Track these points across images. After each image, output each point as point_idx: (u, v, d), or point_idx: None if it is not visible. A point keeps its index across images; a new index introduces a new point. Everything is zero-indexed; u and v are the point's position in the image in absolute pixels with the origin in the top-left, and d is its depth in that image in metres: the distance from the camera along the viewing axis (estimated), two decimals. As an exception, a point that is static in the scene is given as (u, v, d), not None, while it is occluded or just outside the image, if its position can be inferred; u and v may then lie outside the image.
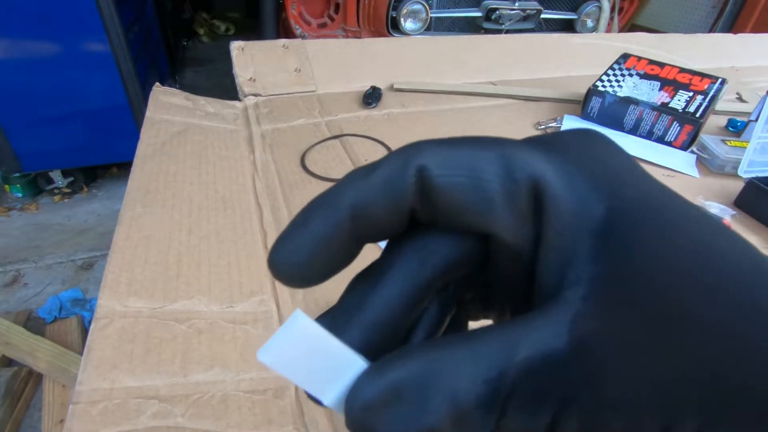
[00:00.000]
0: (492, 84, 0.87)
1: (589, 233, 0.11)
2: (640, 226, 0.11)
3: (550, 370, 0.10)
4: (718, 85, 0.71)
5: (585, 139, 0.13)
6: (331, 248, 0.12)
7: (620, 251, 0.11)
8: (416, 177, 0.11)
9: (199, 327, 0.36)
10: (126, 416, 0.30)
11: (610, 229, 0.11)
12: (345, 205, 0.12)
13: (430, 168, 0.11)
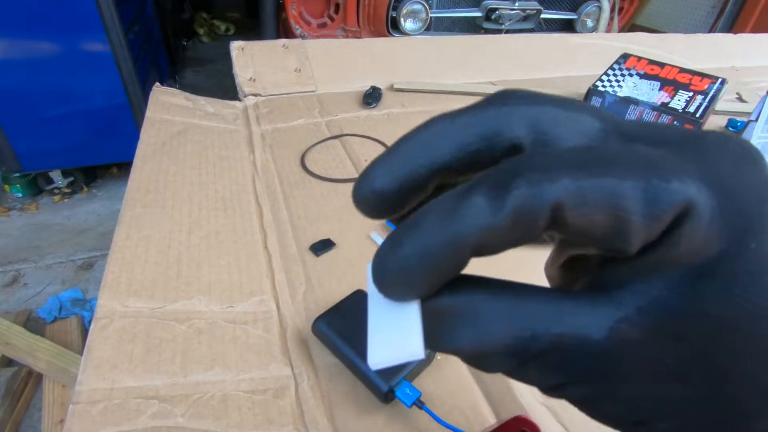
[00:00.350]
0: (492, 84, 0.87)
1: (688, 263, 0.11)
2: (735, 284, 0.10)
3: (579, 354, 0.11)
4: (718, 85, 0.71)
5: (738, 154, 0.11)
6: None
7: (703, 296, 0.11)
8: (550, 214, 0.10)
9: (199, 327, 0.36)
10: (126, 416, 0.30)
11: (711, 273, 0.11)
12: (468, 242, 0.11)
13: (566, 206, 0.10)
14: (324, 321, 0.35)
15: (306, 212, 0.50)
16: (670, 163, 0.10)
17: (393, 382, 0.31)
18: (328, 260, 0.44)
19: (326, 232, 0.47)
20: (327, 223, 0.49)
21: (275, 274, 0.42)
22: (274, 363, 0.34)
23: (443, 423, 0.30)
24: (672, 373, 0.11)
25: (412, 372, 0.32)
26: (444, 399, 0.33)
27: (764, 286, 0.10)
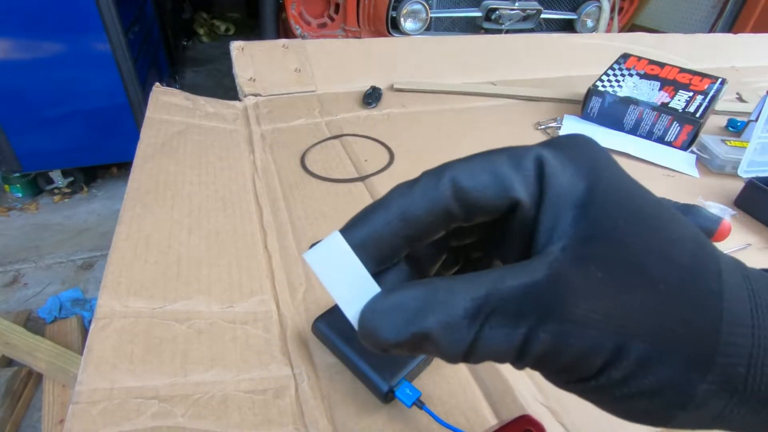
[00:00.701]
0: (492, 84, 0.87)
1: (572, 204, 0.15)
2: (610, 202, 0.15)
3: (528, 294, 0.14)
4: (718, 85, 0.71)
5: (574, 138, 0.17)
6: (382, 242, 0.16)
7: (595, 218, 0.14)
8: (449, 184, 0.15)
9: (199, 327, 0.36)
10: (126, 416, 0.30)
11: (588, 202, 0.15)
12: (394, 208, 0.15)
13: (460, 180, 0.15)
14: (324, 321, 0.35)
15: (306, 212, 0.50)
16: (524, 146, 0.16)
17: (393, 382, 0.31)
18: (328, 260, 0.44)
19: (326, 232, 0.47)
20: (327, 223, 0.49)
21: (275, 274, 0.42)
22: (274, 363, 0.34)
23: (443, 423, 0.30)
24: (608, 287, 0.14)
25: (412, 372, 0.32)
26: (444, 399, 0.33)
27: (626, 193, 0.15)
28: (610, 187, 0.15)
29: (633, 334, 0.13)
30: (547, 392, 0.33)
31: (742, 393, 0.14)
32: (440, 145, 0.66)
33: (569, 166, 0.15)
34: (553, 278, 0.14)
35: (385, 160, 0.61)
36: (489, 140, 0.68)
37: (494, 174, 0.15)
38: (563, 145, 0.16)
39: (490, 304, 0.14)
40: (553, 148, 0.16)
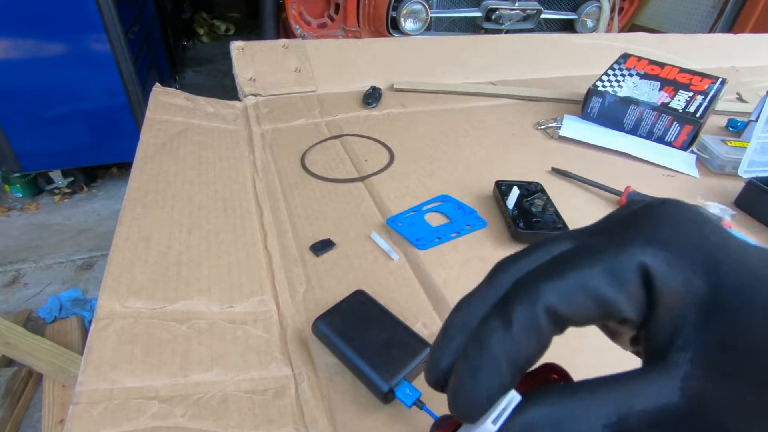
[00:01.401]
0: (492, 84, 0.87)
1: (694, 306, 0.13)
2: (740, 299, 0.12)
3: (670, 424, 0.12)
4: (718, 85, 0.71)
5: (671, 216, 0.15)
6: (497, 391, 0.15)
7: (724, 321, 0.12)
8: (547, 317, 0.14)
9: (199, 327, 0.36)
10: (126, 416, 0.30)
11: (714, 302, 0.13)
12: (502, 359, 0.14)
13: (557, 309, 0.14)
14: (324, 321, 0.35)
15: (306, 212, 0.50)
16: (620, 243, 0.14)
17: (393, 382, 0.31)
18: (328, 260, 0.44)
19: (326, 232, 0.47)
20: (327, 223, 0.49)
21: (275, 274, 0.42)
22: (274, 363, 0.34)
23: None
24: (756, 410, 0.11)
25: (412, 372, 0.32)
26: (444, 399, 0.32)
27: (754, 279, 0.13)
28: (736, 277, 0.13)
29: None
30: (547, 392, 0.33)
31: None
32: (440, 145, 0.66)
33: (678, 264, 0.13)
34: (694, 405, 0.12)
35: (385, 160, 0.61)
36: (489, 140, 0.68)
37: (594, 297, 0.13)
38: (664, 233, 0.14)
39: (625, 428, 0.13)
40: (653, 243, 0.14)
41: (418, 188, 0.56)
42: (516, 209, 0.50)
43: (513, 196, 0.51)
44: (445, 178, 0.58)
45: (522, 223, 0.47)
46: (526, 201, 0.51)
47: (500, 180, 0.54)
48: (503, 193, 0.52)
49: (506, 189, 0.52)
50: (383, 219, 0.50)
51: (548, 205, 0.50)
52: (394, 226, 0.48)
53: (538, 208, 0.50)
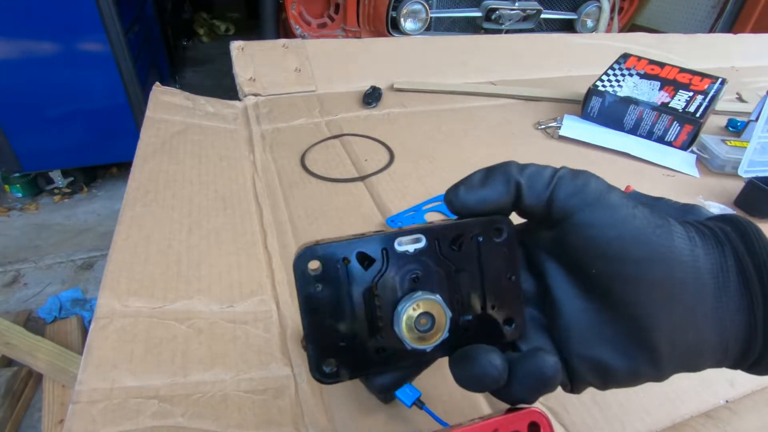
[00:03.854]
0: (492, 84, 0.87)
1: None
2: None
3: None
4: (718, 85, 0.71)
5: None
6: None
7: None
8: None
9: (199, 327, 0.36)
10: (126, 416, 0.30)
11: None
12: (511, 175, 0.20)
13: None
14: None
15: (306, 212, 0.50)
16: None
17: (393, 382, 0.31)
18: (328, 260, 0.44)
19: (326, 231, 0.47)
20: (327, 223, 0.49)
21: (275, 274, 0.42)
22: (274, 363, 0.34)
23: (443, 423, 0.30)
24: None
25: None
26: (444, 399, 0.32)
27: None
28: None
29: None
30: (547, 392, 0.33)
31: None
32: (440, 145, 0.66)
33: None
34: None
35: (385, 159, 0.61)
36: (489, 140, 0.68)
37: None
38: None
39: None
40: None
41: (418, 188, 0.56)
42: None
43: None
44: (445, 178, 0.58)
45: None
46: None
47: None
48: None
49: None
50: (383, 219, 0.50)
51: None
52: (394, 226, 0.48)
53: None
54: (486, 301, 0.21)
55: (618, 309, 0.19)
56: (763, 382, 0.36)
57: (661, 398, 0.34)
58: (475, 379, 0.19)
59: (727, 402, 0.34)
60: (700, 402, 0.34)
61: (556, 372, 0.19)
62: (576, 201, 0.19)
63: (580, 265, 0.19)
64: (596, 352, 0.20)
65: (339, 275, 0.19)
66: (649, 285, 0.18)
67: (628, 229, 0.18)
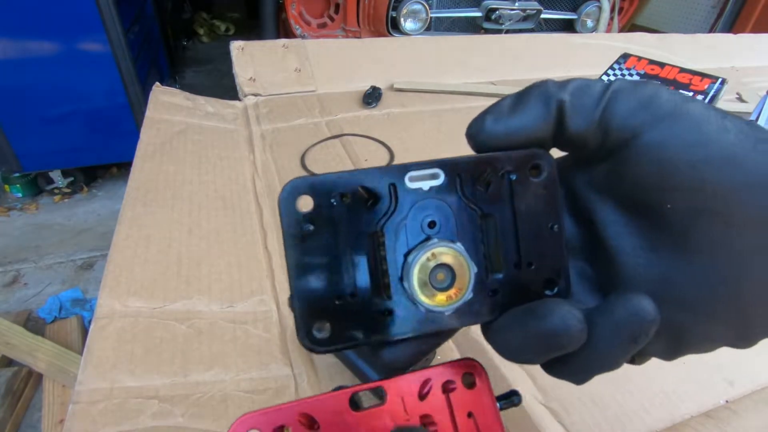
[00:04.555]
0: (492, 84, 0.87)
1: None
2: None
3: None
4: (718, 85, 0.71)
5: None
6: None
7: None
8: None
9: (199, 327, 0.36)
10: (126, 416, 0.30)
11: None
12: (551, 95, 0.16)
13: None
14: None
15: (306, 212, 0.50)
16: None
17: (393, 382, 0.31)
18: (328, 260, 0.44)
19: (326, 232, 0.47)
20: (327, 223, 0.49)
21: (275, 274, 0.42)
22: (274, 363, 0.34)
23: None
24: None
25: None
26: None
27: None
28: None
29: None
30: (547, 392, 0.33)
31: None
32: (440, 145, 0.66)
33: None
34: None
35: (385, 159, 0.61)
36: (489, 140, 0.68)
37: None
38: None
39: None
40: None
41: (418, 188, 0.55)
42: None
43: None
44: (445, 178, 0.58)
45: None
46: None
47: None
48: None
49: None
50: (383, 219, 0.50)
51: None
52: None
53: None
54: (521, 257, 0.17)
55: (700, 256, 0.15)
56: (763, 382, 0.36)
57: (661, 398, 0.34)
58: (548, 339, 0.14)
59: (727, 402, 0.34)
60: (700, 402, 0.34)
61: (656, 315, 0.14)
62: (644, 116, 0.14)
63: (647, 202, 0.15)
64: (671, 314, 0.15)
65: (336, 215, 0.16)
66: (746, 224, 0.14)
67: (719, 148, 0.14)
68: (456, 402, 0.18)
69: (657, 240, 0.15)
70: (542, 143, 0.16)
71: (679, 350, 0.17)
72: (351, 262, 0.16)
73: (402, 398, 0.17)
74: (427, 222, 0.16)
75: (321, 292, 0.16)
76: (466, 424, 0.18)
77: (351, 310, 0.16)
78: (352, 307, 0.16)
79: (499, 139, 0.16)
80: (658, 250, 0.15)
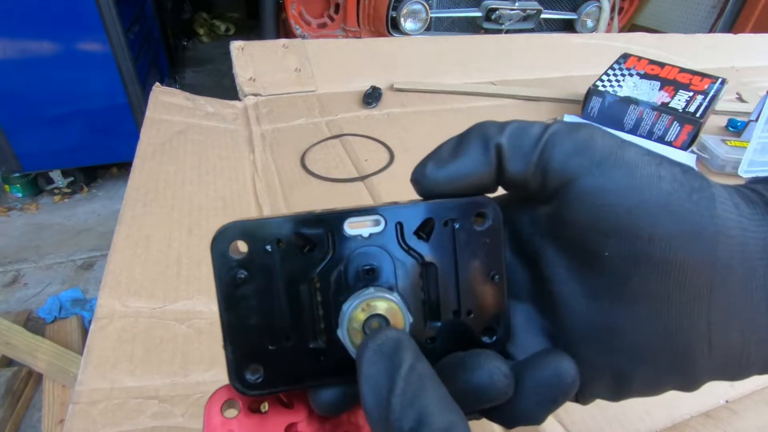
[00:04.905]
0: (492, 84, 0.87)
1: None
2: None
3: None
4: (718, 85, 0.71)
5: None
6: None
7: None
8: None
9: (199, 327, 0.36)
10: (126, 416, 0.30)
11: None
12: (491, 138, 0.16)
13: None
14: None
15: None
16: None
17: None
18: (328, 260, 0.44)
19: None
20: (327, 223, 0.49)
21: (275, 274, 0.42)
22: (274, 363, 0.34)
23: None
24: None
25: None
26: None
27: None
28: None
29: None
30: (547, 392, 0.33)
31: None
32: (440, 145, 0.66)
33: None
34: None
35: (385, 159, 0.61)
36: (489, 140, 0.68)
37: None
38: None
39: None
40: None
41: (418, 188, 0.55)
42: None
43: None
44: (445, 178, 0.58)
45: None
46: None
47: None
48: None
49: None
50: (383, 219, 0.50)
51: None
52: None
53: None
54: (461, 306, 0.17)
55: (639, 303, 0.15)
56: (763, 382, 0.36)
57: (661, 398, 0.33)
58: (475, 392, 0.15)
59: (727, 402, 0.34)
60: (700, 402, 0.34)
61: (576, 378, 0.15)
62: (579, 161, 0.14)
63: (586, 247, 0.15)
64: (614, 360, 0.16)
65: (270, 261, 0.15)
66: (682, 273, 0.14)
67: (653, 195, 0.14)
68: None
69: (598, 287, 0.15)
70: (486, 187, 0.16)
71: (622, 394, 0.17)
72: (286, 308, 0.16)
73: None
74: (365, 269, 0.16)
75: (254, 337, 0.15)
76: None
77: (284, 355, 0.16)
78: (286, 352, 0.16)
79: (441, 186, 0.16)
80: (599, 298, 0.15)
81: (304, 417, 0.17)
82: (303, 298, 0.16)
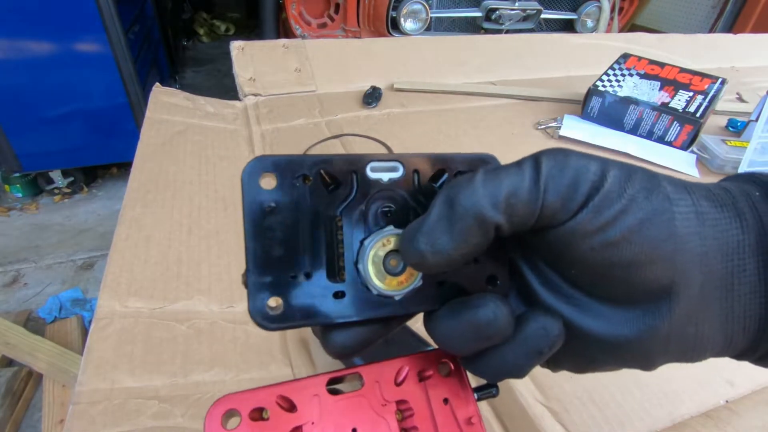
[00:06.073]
0: (492, 84, 0.87)
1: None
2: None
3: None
4: (718, 85, 0.71)
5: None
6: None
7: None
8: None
9: (199, 327, 0.36)
10: (126, 416, 0.30)
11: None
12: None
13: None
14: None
15: (306, 212, 0.50)
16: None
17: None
18: (328, 260, 0.44)
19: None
20: (327, 223, 0.49)
21: (275, 274, 0.42)
22: (274, 363, 0.34)
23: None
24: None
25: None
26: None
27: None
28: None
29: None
30: (547, 392, 0.33)
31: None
32: (440, 145, 0.66)
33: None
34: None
35: (385, 160, 0.61)
36: (489, 140, 0.68)
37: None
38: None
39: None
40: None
41: (418, 188, 0.55)
42: None
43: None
44: (445, 178, 0.58)
45: None
46: None
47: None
48: None
49: None
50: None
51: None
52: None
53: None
54: None
55: (605, 308, 0.17)
56: (763, 382, 0.36)
57: (660, 398, 0.34)
58: (477, 329, 0.16)
59: (727, 402, 0.34)
60: (700, 402, 0.34)
61: (561, 334, 0.17)
62: (572, 206, 0.16)
63: (556, 269, 0.17)
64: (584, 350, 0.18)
65: (296, 195, 0.16)
66: (640, 288, 0.15)
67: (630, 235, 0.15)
68: (432, 389, 0.18)
69: (569, 287, 0.17)
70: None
71: (587, 371, 0.19)
72: (308, 242, 0.16)
73: (379, 384, 0.18)
74: (384, 211, 0.17)
75: (277, 268, 0.16)
76: (442, 410, 0.18)
77: (305, 289, 0.16)
78: (306, 287, 0.16)
79: (441, 266, 0.16)
80: (572, 294, 0.17)
81: (308, 420, 0.17)
82: (326, 234, 0.16)
